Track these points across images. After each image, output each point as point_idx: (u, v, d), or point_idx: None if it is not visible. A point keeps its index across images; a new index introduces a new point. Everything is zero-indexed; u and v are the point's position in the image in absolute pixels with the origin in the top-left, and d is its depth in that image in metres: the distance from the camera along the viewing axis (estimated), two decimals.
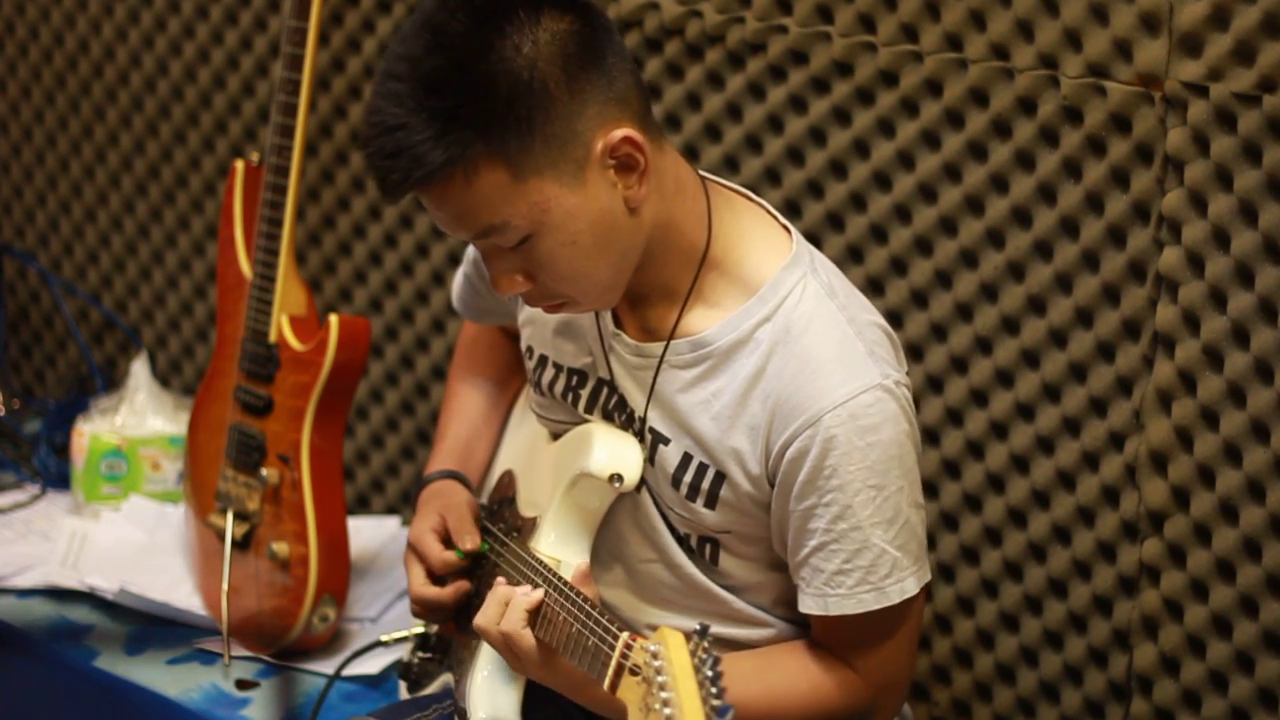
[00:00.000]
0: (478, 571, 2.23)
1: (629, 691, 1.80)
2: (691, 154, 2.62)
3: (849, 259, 2.53)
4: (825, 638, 2.06)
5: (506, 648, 2.04)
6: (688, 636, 1.71)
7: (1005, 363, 2.43)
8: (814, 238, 2.51)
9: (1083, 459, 2.39)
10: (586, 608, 1.93)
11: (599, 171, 1.93)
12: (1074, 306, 2.36)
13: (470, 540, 2.20)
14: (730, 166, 2.60)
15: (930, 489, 2.06)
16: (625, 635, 1.85)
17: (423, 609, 2.24)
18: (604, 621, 1.89)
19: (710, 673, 1.67)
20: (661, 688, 1.69)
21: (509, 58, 1.88)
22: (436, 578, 2.23)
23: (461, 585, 2.22)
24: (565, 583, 1.99)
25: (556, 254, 1.94)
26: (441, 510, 2.25)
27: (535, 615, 2.01)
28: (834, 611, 2.00)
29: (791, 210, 2.55)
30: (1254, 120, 2.16)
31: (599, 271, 1.98)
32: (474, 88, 1.88)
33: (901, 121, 2.45)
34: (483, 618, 2.04)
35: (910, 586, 2.00)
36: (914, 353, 2.48)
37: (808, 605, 2.02)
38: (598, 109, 1.92)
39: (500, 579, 2.09)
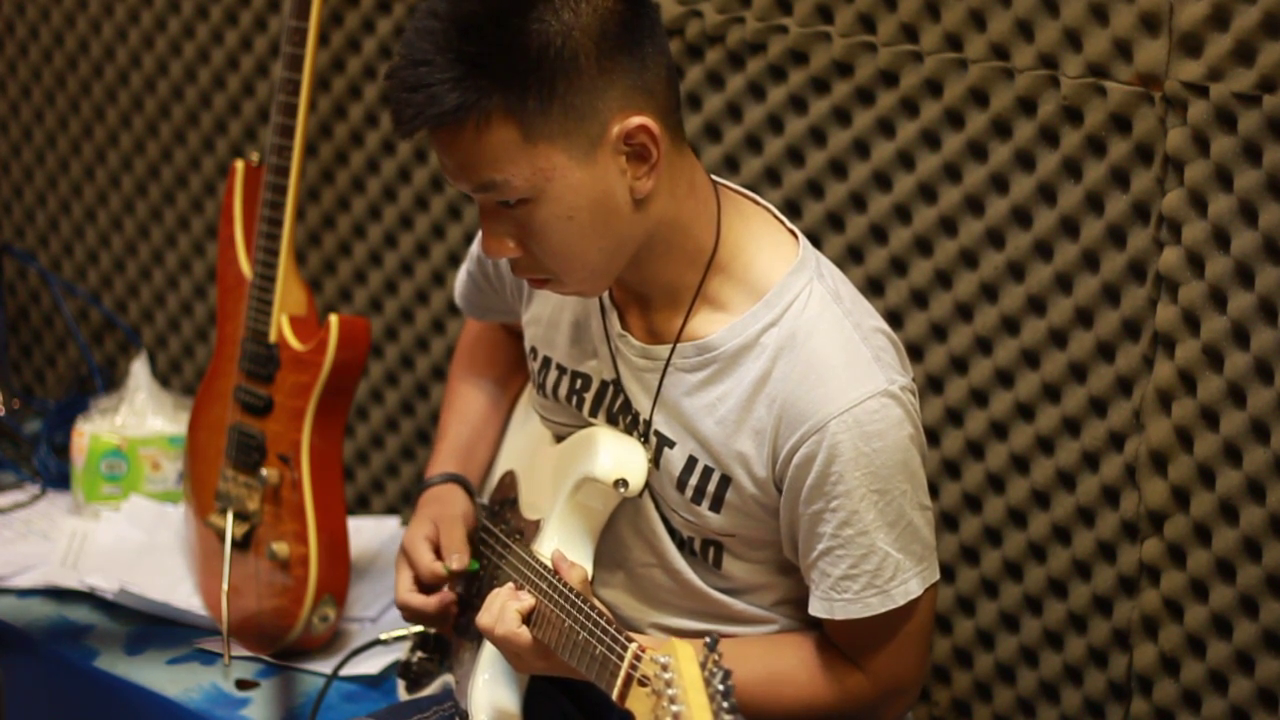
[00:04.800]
0: (472, 584, 2.24)
1: (638, 702, 1.79)
2: None
3: (849, 259, 2.53)
4: (835, 639, 2.07)
5: (506, 647, 2.04)
6: (697, 648, 1.71)
7: (1005, 363, 2.43)
8: (814, 238, 2.50)
9: (1083, 459, 2.39)
10: (594, 615, 1.93)
11: (610, 154, 1.93)
12: (1074, 306, 2.36)
13: (458, 560, 2.21)
14: (730, 166, 2.60)
15: (930, 489, 2.06)
16: (634, 646, 1.85)
17: (407, 615, 2.24)
18: (612, 630, 1.89)
19: (721, 686, 1.66)
20: (672, 700, 1.68)
21: (547, 20, 1.89)
22: (424, 585, 2.23)
23: (446, 597, 2.22)
24: (570, 589, 1.99)
25: (551, 225, 1.94)
26: (436, 519, 2.25)
27: (530, 617, 2.02)
28: (840, 616, 2.00)
29: (791, 210, 2.55)
30: (1254, 120, 2.16)
31: (590, 253, 1.97)
32: (505, 40, 1.88)
33: (901, 121, 2.45)
34: (484, 617, 2.04)
35: (914, 588, 2.00)
36: (914, 353, 2.48)
37: (816, 608, 2.02)
38: (622, 92, 1.92)
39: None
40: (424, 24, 1.91)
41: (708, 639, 1.70)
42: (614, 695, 1.85)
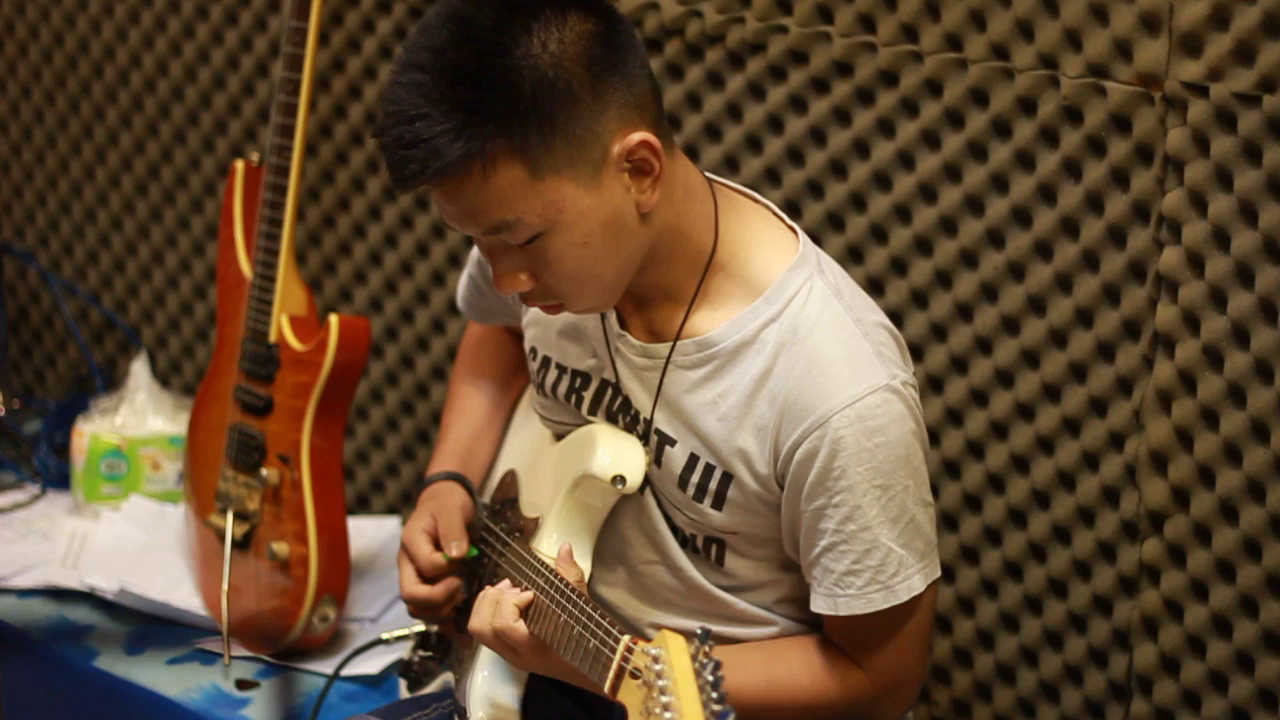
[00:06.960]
0: (474, 572, 2.24)
1: (629, 694, 1.80)
2: (691, 154, 2.62)
3: (849, 259, 2.53)
4: (835, 637, 2.07)
5: (501, 644, 2.04)
6: (689, 640, 1.71)
7: (1005, 363, 2.43)
8: (814, 237, 2.49)
9: (1083, 459, 2.39)
10: (588, 610, 1.93)
11: (614, 174, 1.93)
12: (1074, 306, 2.36)
13: (456, 547, 2.21)
14: (730, 166, 2.60)
15: (931, 489, 2.06)
16: (626, 639, 1.85)
17: (415, 608, 2.24)
18: (605, 624, 1.89)
19: (711, 677, 1.67)
20: (662, 691, 1.69)
21: (535, 54, 1.88)
22: (428, 578, 2.23)
23: (452, 584, 2.22)
24: (567, 584, 1.99)
25: (566, 254, 1.94)
26: (435, 512, 2.26)
27: (527, 612, 2.02)
28: (844, 612, 2.00)
29: (791, 210, 2.55)
30: (1254, 120, 2.16)
31: (605, 273, 1.98)
32: (498, 82, 1.87)
33: (901, 121, 2.45)
34: (475, 620, 2.04)
35: (917, 584, 2.00)
36: (914, 353, 2.47)
37: (819, 605, 2.03)
38: (617, 111, 1.92)
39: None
40: (408, 78, 1.89)
41: (699, 630, 1.70)
42: (606, 688, 1.86)
